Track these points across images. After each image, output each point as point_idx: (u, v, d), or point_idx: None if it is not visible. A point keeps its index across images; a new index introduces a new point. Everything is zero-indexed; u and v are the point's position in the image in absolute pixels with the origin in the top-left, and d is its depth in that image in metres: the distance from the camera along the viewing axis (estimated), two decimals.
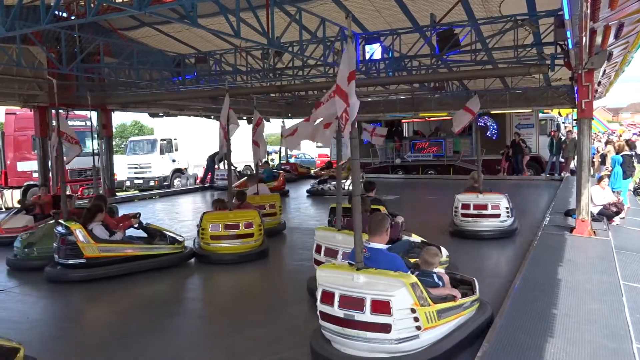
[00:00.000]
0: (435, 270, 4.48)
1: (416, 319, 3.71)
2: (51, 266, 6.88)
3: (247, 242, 7.76)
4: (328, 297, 3.90)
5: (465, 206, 8.53)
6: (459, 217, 8.67)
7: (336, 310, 3.83)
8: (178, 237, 7.63)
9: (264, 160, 16.66)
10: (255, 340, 4.74)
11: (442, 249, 5.60)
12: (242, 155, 20.54)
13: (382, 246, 4.16)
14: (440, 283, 4.35)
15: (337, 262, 5.00)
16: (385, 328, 3.67)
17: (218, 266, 7.61)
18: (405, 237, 6.10)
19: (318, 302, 3.98)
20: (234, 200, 8.43)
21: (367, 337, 3.73)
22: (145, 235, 7.68)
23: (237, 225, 7.73)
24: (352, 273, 3.83)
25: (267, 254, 8.00)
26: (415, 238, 6.46)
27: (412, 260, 4.83)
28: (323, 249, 5.58)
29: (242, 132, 24.64)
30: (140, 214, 7.75)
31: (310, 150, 35.29)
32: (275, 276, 7.47)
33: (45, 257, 7.22)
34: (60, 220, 7.05)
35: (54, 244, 6.92)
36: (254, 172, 20.23)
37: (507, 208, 8.45)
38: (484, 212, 8.48)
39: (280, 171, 17.93)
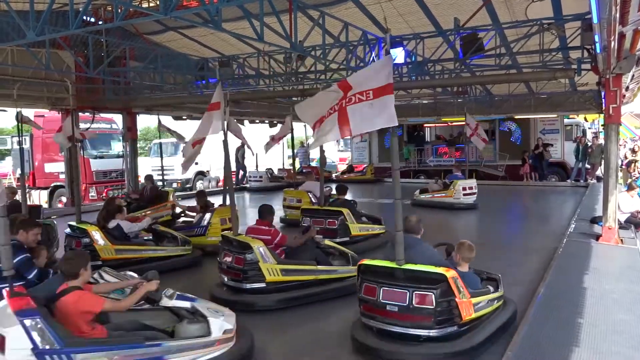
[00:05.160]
0: None
1: None
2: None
3: None
4: None
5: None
6: None
7: None
8: (188, 239, 7.65)
9: None
10: (264, 342, 4.75)
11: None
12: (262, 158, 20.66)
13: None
14: None
15: None
16: None
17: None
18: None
19: None
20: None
21: None
22: (151, 237, 7.69)
23: None
24: None
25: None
26: None
27: None
28: None
29: (264, 135, 24.67)
30: None
31: (331, 154, 35.18)
32: None
33: None
34: (72, 223, 7.08)
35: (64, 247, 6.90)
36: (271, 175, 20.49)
37: None
38: None
39: None
